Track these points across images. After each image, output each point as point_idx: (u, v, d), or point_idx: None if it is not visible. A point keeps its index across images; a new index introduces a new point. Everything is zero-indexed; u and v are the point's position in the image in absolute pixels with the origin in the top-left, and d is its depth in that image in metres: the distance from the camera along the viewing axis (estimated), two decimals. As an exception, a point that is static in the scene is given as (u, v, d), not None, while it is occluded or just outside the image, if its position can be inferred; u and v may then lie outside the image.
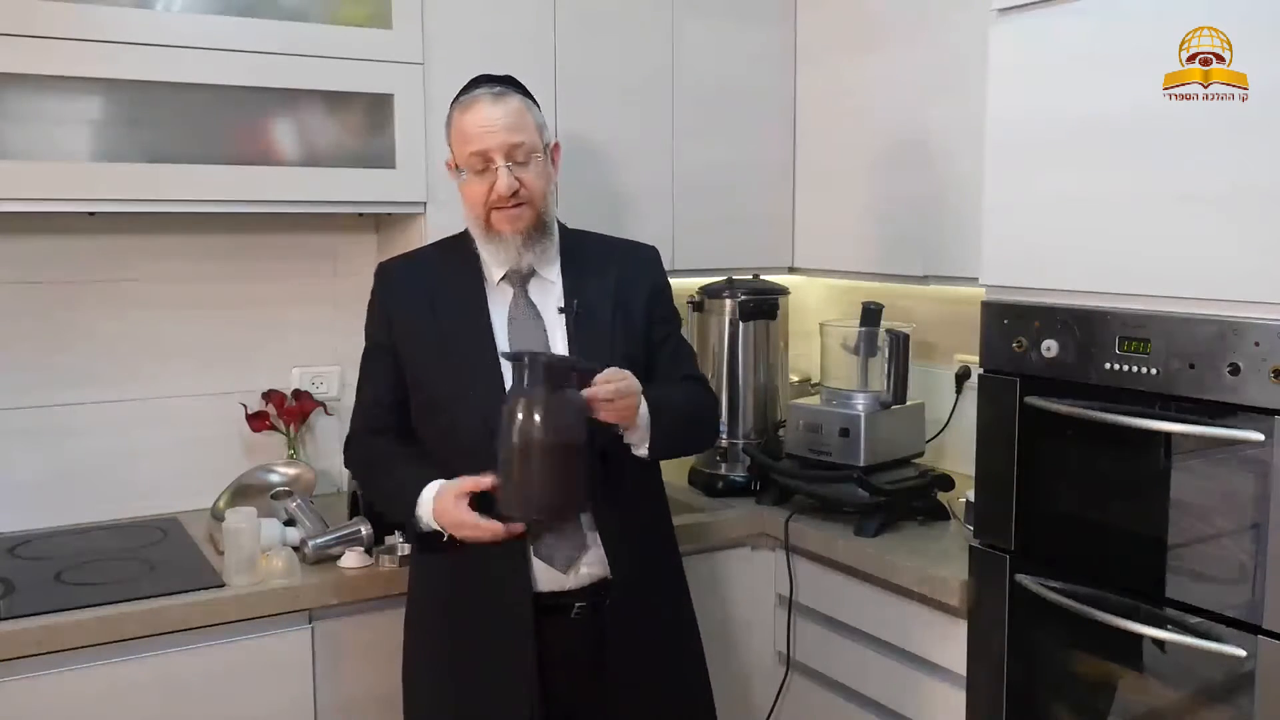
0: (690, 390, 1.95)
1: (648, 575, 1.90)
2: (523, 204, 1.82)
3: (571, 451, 1.67)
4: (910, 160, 2.52)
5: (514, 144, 1.81)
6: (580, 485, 1.70)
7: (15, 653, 1.84)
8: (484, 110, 1.82)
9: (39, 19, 1.99)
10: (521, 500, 1.68)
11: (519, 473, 1.67)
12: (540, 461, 1.65)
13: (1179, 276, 1.70)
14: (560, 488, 1.68)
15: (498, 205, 1.82)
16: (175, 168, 2.15)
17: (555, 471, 1.66)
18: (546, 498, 1.68)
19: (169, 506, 2.50)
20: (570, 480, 1.68)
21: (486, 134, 1.80)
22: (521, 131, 1.82)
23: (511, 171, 1.80)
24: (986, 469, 2.01)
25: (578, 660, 1.84)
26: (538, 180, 1.84)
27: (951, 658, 2.10)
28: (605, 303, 1.89)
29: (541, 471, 1.66)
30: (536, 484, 1.67)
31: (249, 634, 2.02)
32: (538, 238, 1.85)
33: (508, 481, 1.68)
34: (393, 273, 1.97)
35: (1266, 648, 1.61)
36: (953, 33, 2.38)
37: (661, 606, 1.94)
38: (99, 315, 2.44)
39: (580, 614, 1.83)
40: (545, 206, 1.86)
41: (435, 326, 1.87)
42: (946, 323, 2.72)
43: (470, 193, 1.85)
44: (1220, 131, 1.63)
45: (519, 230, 1.83)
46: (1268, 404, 1.59)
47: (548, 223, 1.88)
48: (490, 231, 1.84)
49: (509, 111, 1.82)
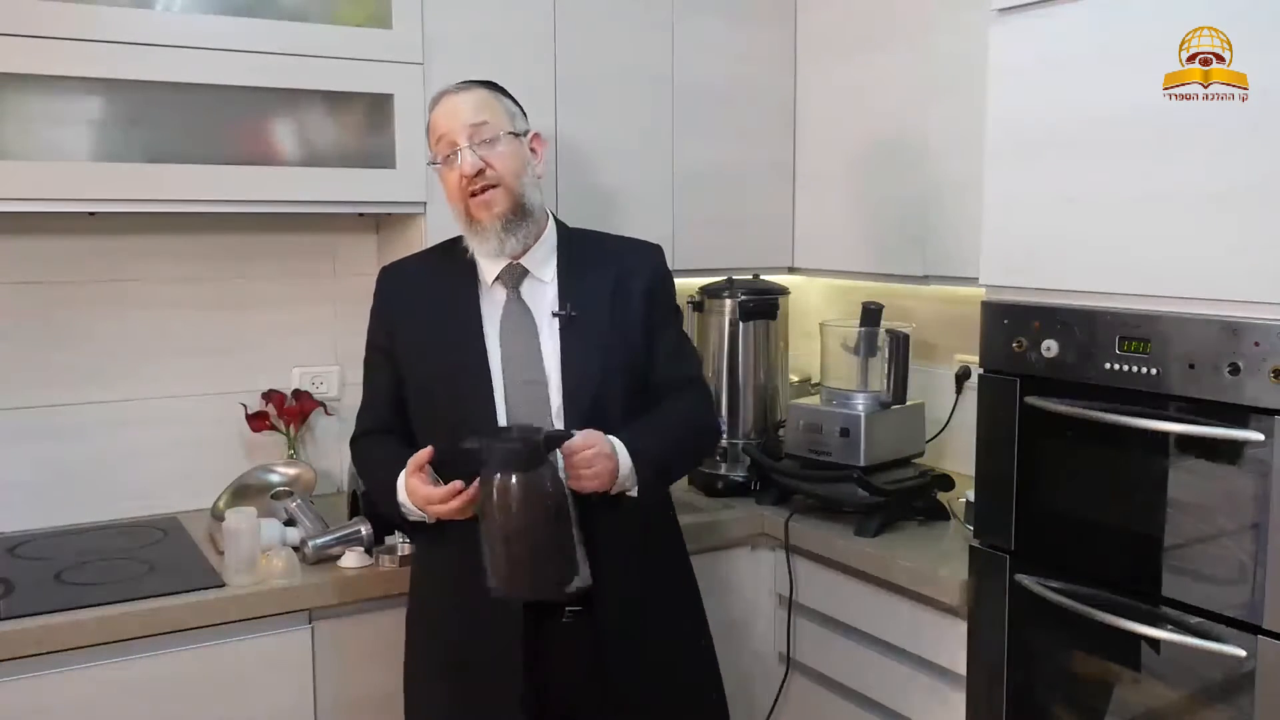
0: (678, 409, 1.90)
1: (642, 579, 1.87)
2: (494, 186, 1.82)
3: (550, 527, 1.67)
4: (910, 160, 2.52)
5: (475, 123, 1.82)
6: (566, 555, 1.70)
7: (15, 653, 1.84)
8: (448, 100, 1.87)
9: (39, 19, 1.99)
10: (509, 578, 1.69)
11: (502, 554, 1.68)
12: (520, 542, 1.66)
13: (1179, 276, 1.70)
14: (545, 564, 1.69)
15: (472, 191, 1.82)
16: (175, 168, 2.15)
17: (536, 550, 1.67)
18: (531, 576, 1.69)
19: (169, 506, 2.50)
20: (554, 554, 1.69)
21: (448, 118, 1.84)
22: (484, 113, 1.84)
23: (475, 150, 1.81)
24: (986, 469, 2.01)
25: (572, 663, 1.83)
26: (506, 161, 1.83)
27: (951, 658, 2.10)
28: (601, 306, 1.86)
29: (523, 552, 1.67)
30: (521, 563, 1.68)
31: (249, 634, 2.02)
32: (517, 222, 1.84)
33: (494, 560, 1.69)
34: (393, 276, 1.98)
35: (1266, 648, 1.61)
36: (953, 33, 2.38)
37: (660, 609, 1.91)
38: (99, 315, 2.45)
39: (571, 618, 1.82)
40: (522, 190, 1.85)
41: (430, 330, 1.88)
42: (946, 323, 2.72)
43: (447, 184, 1.86)
44: (1220, 131, 1.63)
45: (496, 215, 1.82)
46: (1268, 404, 1.59)
47: (526, 207, 1.85)
48: (472, 222, 1.85)
49: (472, 99, 1.86)
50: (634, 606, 1.85)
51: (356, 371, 2.04)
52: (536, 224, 1.88)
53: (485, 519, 1.68)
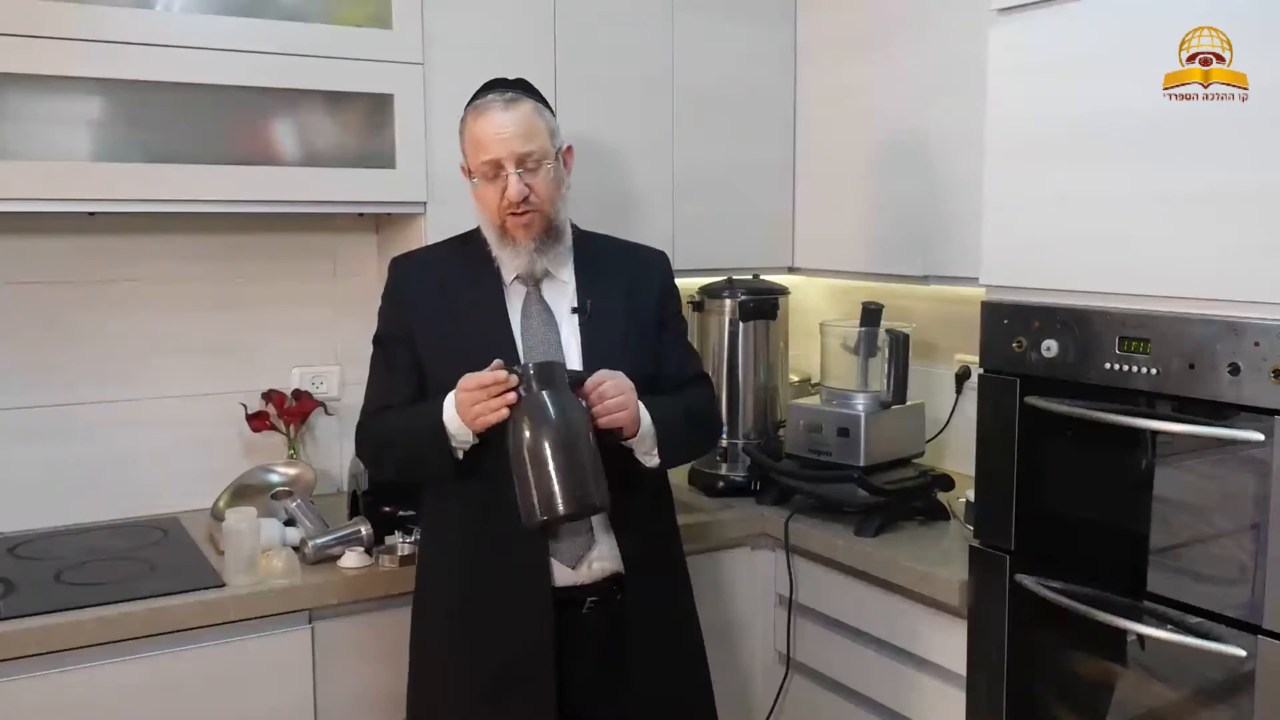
0: (691, 394, 1.97)
1: (657, 569, 1.92)
2: (534, 211, 1.84)
3: (577, 443, 1.68)
4: (910, 160, 2.52)
5: (524, 153, 1.82)
6: (592, 480, 1.70)
7: (15, 653, 1.84)
8: (495, 117, 1.83)
9: (39, 19, 1.99)
10: (543, 501, 1.68)
11: (534, 474, 1.67)
12: (549, 458, 1.67)
13: (1179, 276, 1.70)
14: (578, 479, 1.68)
15: (511, 211, 1.84)
16: (175, 168, 2.15)
17: (565, 466, 1.67)
18: (566, 492, 1.67)
19: (169, 506, 2.49)
20: (582, 474, 1.68)
21: (497, 141, 1.82)
22: (532, 139, 1.83)
23: (522, 179, 1.82)
24: (986, 469, 2.01)
25: (589, 654, 1.85)
26: (548, 187, 1.86)
27: (951, 658, 2.10)
28: (618, 305, 1.91)
29: (552, 468, 1.67)
30: (549, 481, 1.67)
31: (249, 634, 2.02)
32: (550, 243, 1.88)
33: (525, 487, 1.69)
34: (408, 266, 1.99)
35: (1266, 648, 1.61)
36: (953, 33, 2.38)
37: (669, 600, 1.96)
38: (99, 315, 2.44)
39: (592, 608, 1.85)
40: (556, 211, 1.89)
41: (452, 320, 1.89)
42: (946, 323, 2.72)
43: (483, 199, 1.87)
44: (1220, 131, 1.63)
45: (531, 236, 1.85)
46: (1268, 404, 1.59)
47: (559, 227, 1.90)
48: (505, 237, 1.87)
49: (520, 119, 1.84)
50: (648, 597, 1.88)
51: (356, 371, 2.03)
52: (563, 239, 1.92)
53: (523, 436, 1.68)
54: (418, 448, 1.84)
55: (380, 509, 2.27)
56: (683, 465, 2.53)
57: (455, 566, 1.88)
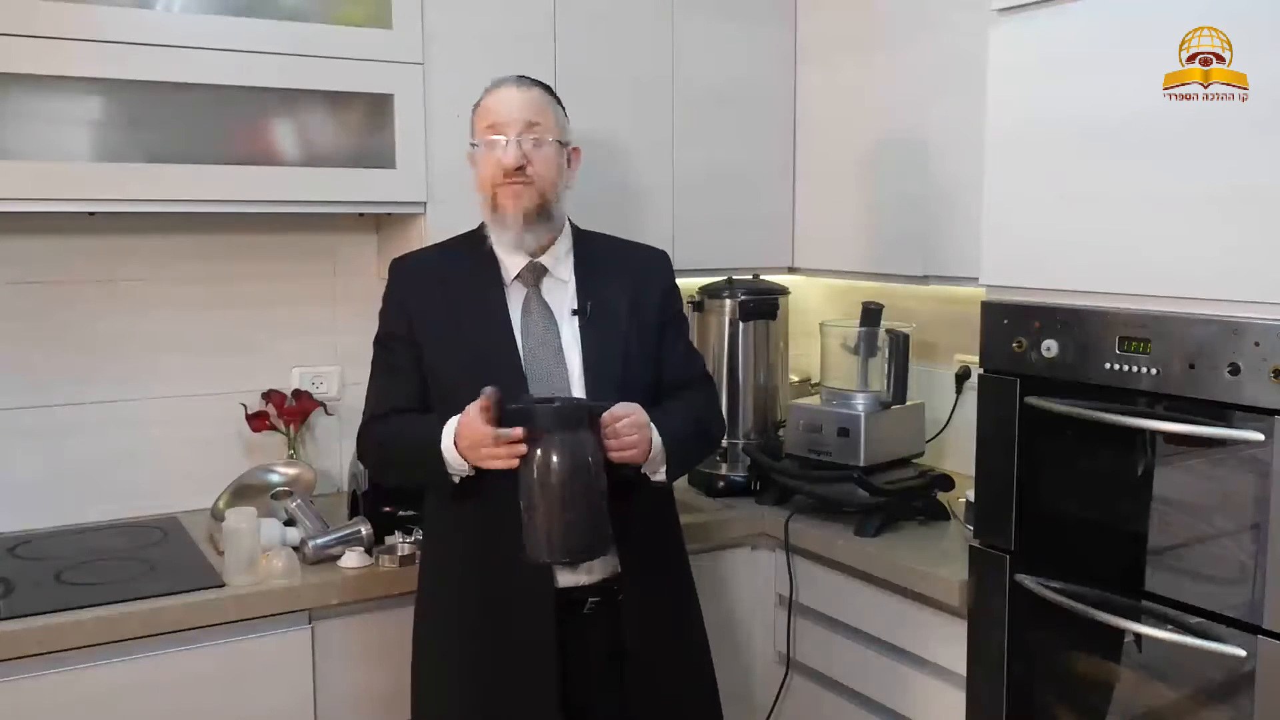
0: (697, 402, 1.97)
1: (658, 569, 1.92)
2: (528, 183, 1.84)
3: (591, 491, 1.68)
4: (910, 160, 2.52)
5: (529, 122, 1.85)
6: (598, 529, 1.70)
7: (15, 653, 1.84)
8: (508, 90, 1.88)
9: (39, 19, 1.99)
10: (546, 543, 1.69)
11: (542, 516, 1.68)
12: (560, 504, 1.67)
13: (1179, 276, 1.70)
14: (584, 528, 1.69)
15: (505, 180, 1.83)
16: (175, 168, 2.15)
17: (576, 512, 1.67)
18: (571, 539, 1.69)
19: (169, 506, 2.50)
20: (592, 520, 1.69)
21: (504, 107, 1.86)
22: (540, 115, 1.87)
23: (520, 145, 1.83)
24: (986, 469, 2.01)
25: (592, 654, 1.85)
26: (546, 165, 1.86)
27: (951, 658, 2.10)
28: (620, 305, 1.91)
29: (563, 513, 1.67)
30: (559, 525, 1.68)
31: (249, 634, 2.02)
32: (540, 222, 1.87)
33: (532, 525, 1.69)
34: (409, 267, 1.99)
35: (1266, 648, 1.61)
36: (953, 33, 2.38)
37: (671, 599, 1.96)
38: (99, 315, 2.44)
39: (593, 609, 1.85)
40: (554, 196, 1.88)
41: (453, 320, 1.88)
42: (946, 323, 2.72)
43: (480, 168, 1.88)
44: (1220, 131, 1.63)
45: (520, 208, 1.84)
46: (1268, 404, 1.59)
47: (552, 212, 1.89)
48: (496, 211, 1.87)
49: (531, 98, 1.88)
50: (649, 597, 1.88)
51: (356, 371, 2.03)
52: (556, 228, 1.91)
53: (533, 478, 1.67)
54: (415, 469, 1.87)
55: (380, 509, 2.27)
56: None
57: (457, 567, 1.89)
